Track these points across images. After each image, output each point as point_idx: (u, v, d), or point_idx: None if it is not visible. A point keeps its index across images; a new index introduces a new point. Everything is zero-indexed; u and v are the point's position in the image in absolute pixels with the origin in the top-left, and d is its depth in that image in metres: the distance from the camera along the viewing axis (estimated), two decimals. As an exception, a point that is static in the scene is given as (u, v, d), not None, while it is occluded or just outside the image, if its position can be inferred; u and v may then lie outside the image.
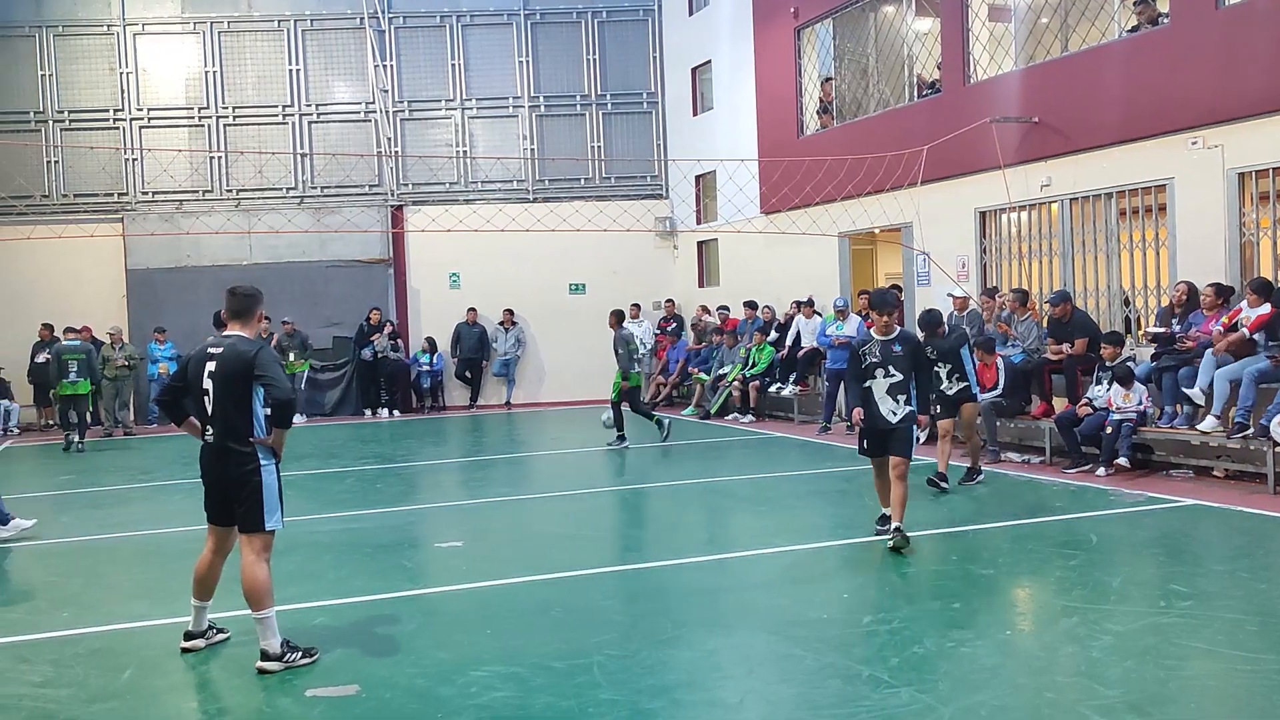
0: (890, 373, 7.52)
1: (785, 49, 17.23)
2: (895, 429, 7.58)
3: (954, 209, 13.87)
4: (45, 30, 19.51)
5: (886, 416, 7.56)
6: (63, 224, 17.47)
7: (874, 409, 7.57)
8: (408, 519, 9.72)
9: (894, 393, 7.56)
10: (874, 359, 7.56)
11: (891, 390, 7.55)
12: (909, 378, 7.58)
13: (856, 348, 7.73)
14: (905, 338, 7.71)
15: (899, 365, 7.56)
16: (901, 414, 7.57)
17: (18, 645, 5.97)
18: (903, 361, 7.58)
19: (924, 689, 4.80)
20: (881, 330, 7.66)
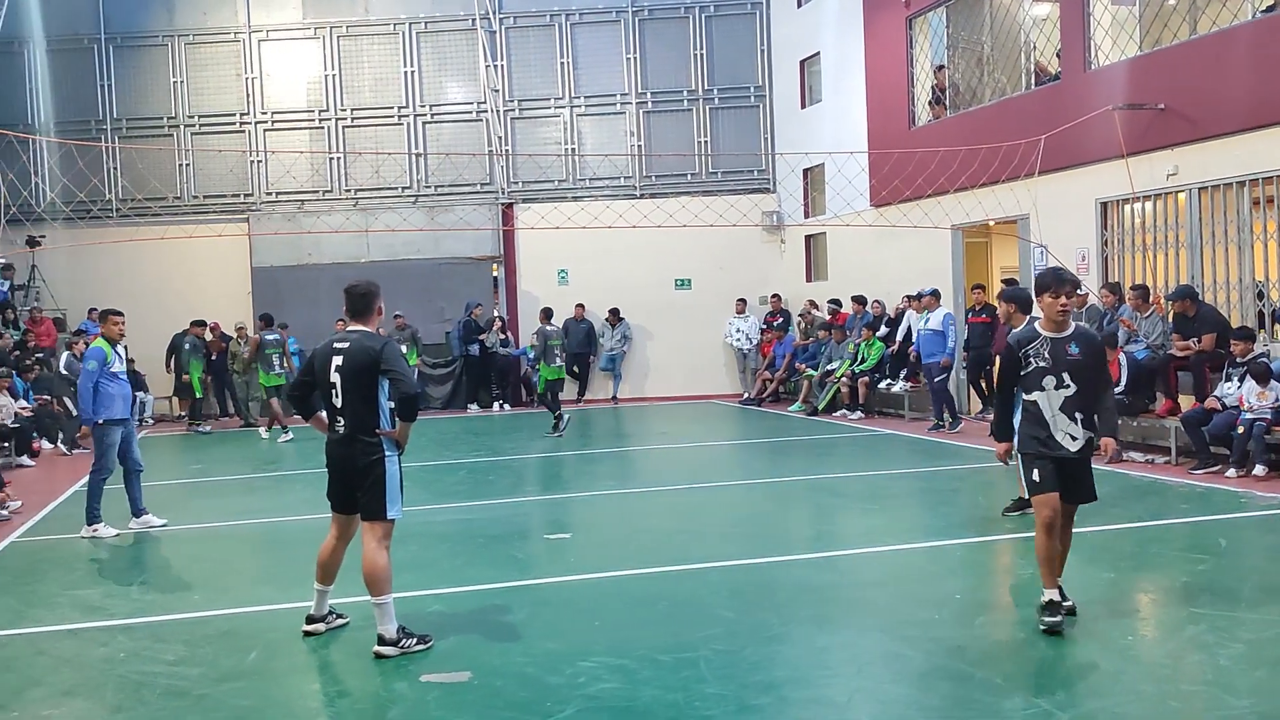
0: (1064, 382, 5.59)
1: (896, 38, 16.92)
2: (1078, 460, 5.65)
3: (1073, 200, 13.43)
4: (177, 39, 20.42)
5: (1063, 442, 5.61)
6: (193, 224, 18.29)
7: (1048, 430, 5.63)
8: (518, 511, 9.90)
9: (1071, 409, 5.60)
10: (1042, 362, 5.63)
11: (1067, 406, 5.60)
12: (1089, 390, 5.65)
13: (1015, 347, 5.74)
14: (1085, 336, 5.74)
15: (1078, 373, 5.61)
16: (1083, 439, 5.65)
17: (153, 625, 6.29)
18: (1083, 368, 5.63)
19: (1039, 694, 4.68)
20: (1053, 323, 5.66)
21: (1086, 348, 5.66)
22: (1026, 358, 5.66)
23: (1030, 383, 5.67)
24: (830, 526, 9.14)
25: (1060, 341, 5.64)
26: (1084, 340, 5.70)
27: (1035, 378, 5.65)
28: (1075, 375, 5.60)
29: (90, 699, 5.13)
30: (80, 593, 7.05)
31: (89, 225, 17.54)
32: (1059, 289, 5.57)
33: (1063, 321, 5.62)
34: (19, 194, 15.72)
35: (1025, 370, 5.66)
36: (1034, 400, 5.67)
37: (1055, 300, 5.56)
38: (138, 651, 5.78)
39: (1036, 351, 5.65)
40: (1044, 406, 5.63)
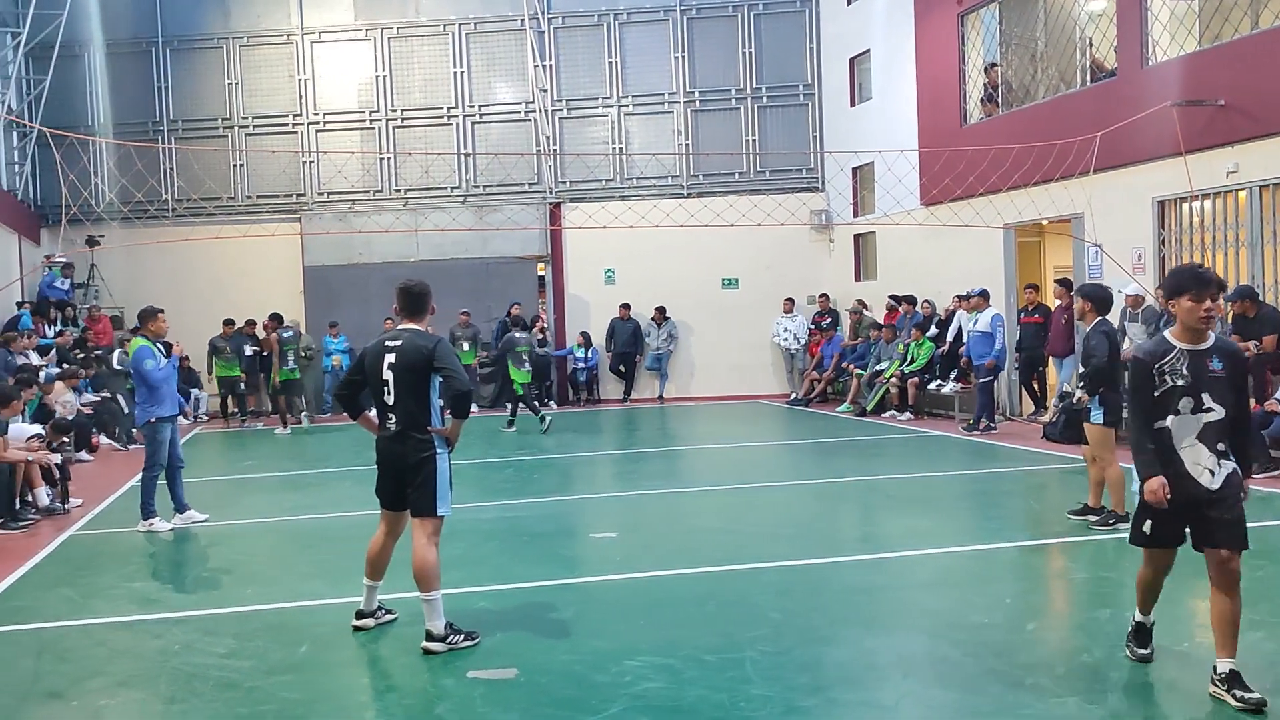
0: (1205, 404, 4.60)
1: (948, 35, 16.73)
2: (1217, 499, 4.64)
3: (1129, 198, 13.19)
4: (231, 41, 20.75)
5: (1198, 478, 4.64)
6: (247, 224, 18.57)
7: (1176, 465, 4.66)
8: (564, 509, 9.93)
9: (1211, 438, 4.63)
10: (1179, 380, 4.62)
11: (1207, 434, 4.62)
12: (1233, 414, 4.64)
13: (1148, 362, 4.69)
14: (1227, 349, 4.71)
15: (1221, 393, 4.63)
16: (1223, 474, 4.65)
17: (205, 619, 6.39)
18: (1227, 388, 4.64)
19: (1093, 699, 4.60)
20: (1192, 333, 4.65)
21: (1230, 363, 4.66)
22: (1160, 374, 4.65)
23: (1162, 406, 4.67)
24: (879, 528, 9.06)
25: (1200, 355, 4.62)
26: (1226, 354, 4.68)
27: (1169, 400, 4.64)
28: (1218, 396, 4.61)
29: (145, 689, 5.23)
30: (136, 585, 7.18)
31: (146, 225, 17.88)
32: (1202, 291, 4.56)
33: (1203, 331, 4.63)
34: (79, 194, 16.07)
35: (1158, 390, 4.66)
36: (1164, 427, 4.68)
37: (1198, 305, 4.56)
38: (191, 644, 5.87)
39: (1172, 367, 4.63)
40: (1176, 434, 4.65)
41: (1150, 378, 4.67)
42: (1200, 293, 4.57)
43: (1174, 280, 4.74)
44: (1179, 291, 4.64)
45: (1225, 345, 4.75)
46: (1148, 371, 4.67)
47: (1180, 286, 4.63)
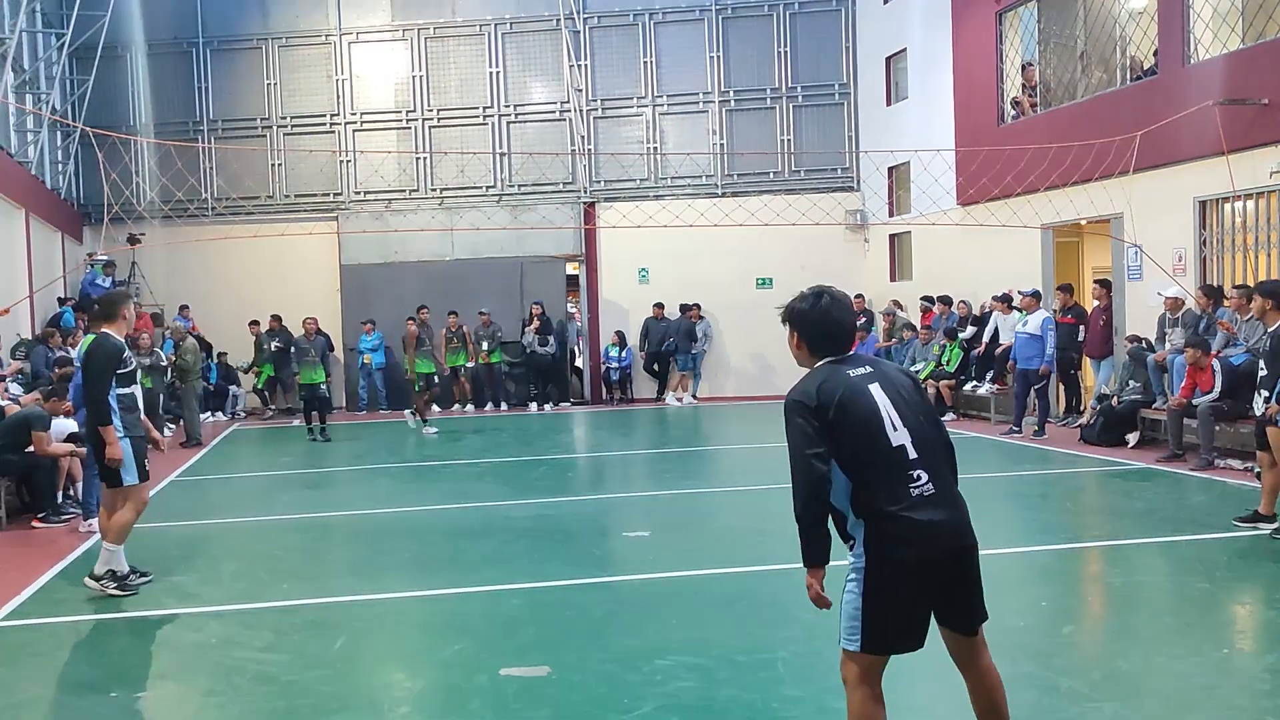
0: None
1: (986, 34, 16.58)
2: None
3: (1170, 199, 13.01)
4: (271, 42, 20.96)
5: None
6: (285, 223, 18.76)
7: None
8: (597, 508, 9.95)
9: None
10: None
11: None
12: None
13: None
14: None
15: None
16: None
17: (244, 613, 6.47)
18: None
19: (1129, 705, 4.55)
20: None
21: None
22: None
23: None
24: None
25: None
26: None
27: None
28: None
29: (184, 682, 5.31)
30: (175, 580, 7.28)
31: (186, 224, 18.10)
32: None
33: None
34: (121, 193, 16.30)
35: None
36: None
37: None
38: (229, 638, 5.95)
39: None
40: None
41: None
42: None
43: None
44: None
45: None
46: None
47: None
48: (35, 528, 9.27)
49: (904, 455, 3.45)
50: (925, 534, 3.42)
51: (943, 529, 3.47)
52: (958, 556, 3.54)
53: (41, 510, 9.44)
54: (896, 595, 3.45)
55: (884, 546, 3.44)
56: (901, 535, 3.41)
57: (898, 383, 3.58)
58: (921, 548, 3.43)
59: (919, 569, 3.45)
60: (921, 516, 3.41)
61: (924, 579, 3.46)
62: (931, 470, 3.49)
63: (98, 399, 6.75)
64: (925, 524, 3.42)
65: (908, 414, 3.50)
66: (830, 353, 3.62)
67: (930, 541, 3.44)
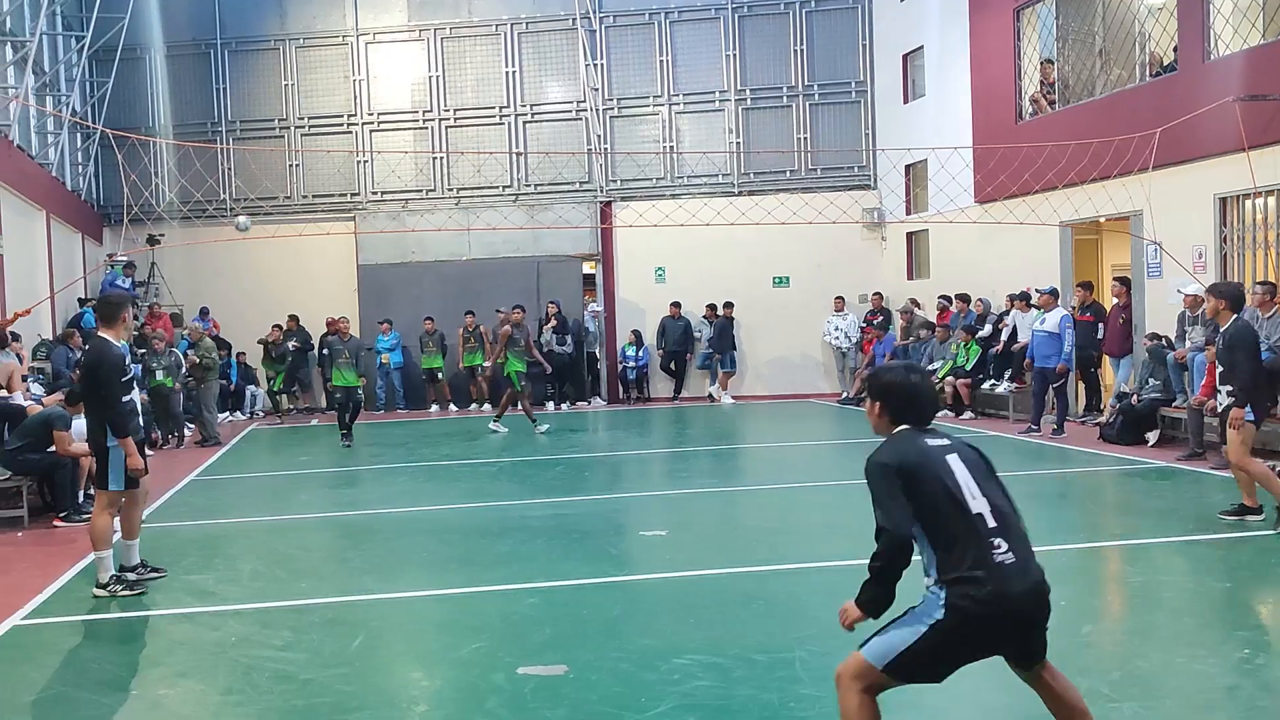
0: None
1: (1003, 31, 16.50)
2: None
3: (1190, 195, 12.91)
4: (288, 43, 21.05)
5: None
6: (303, 223, 18.86)
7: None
8: (613, 507, 9.95)
9: None
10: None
11: None
12: None
13: None
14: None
15: None
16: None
17: (262, 612, 6.51)
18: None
19: (1149, 705, 4.52)
20: None
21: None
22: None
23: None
24: (930, 529, 8.95)
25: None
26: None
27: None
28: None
29: (203, 680, 5.34)
30: (194, 578, 7.33)
31: (205, 224, 18.22)
32: None
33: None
34: (140, 194, 16.41)
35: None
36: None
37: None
38: (247, 636, 5.98)
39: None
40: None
41: None
42: None
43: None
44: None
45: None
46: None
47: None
48: (57, 527, 9.35)
49: (983, 523, 3.55)
50: (1005, 605, 3.50)
51: (1024, 600, 3.54)
52: (1032, 622, 3.62)
53: (63, 509, 9.51)
54: (951, 652, 3.59)
55: (963, 610, 3.49)
56: (983, 601, 3.48)
57: (972, 456, 3.73)
58: (1000, 616, 3.51)
59: (990, 635, 3.55)
60: (1005, 587, 3.48)
61: (988, 641, 3.58)
62: (1010, 539, 3.57)
63: (111, 413, 6.78)
64: (1007, 595, 3.49)
65: (984, 484, 3.64)
66: (911, 423, 3.81)
67: (1009, 612, 3.52)
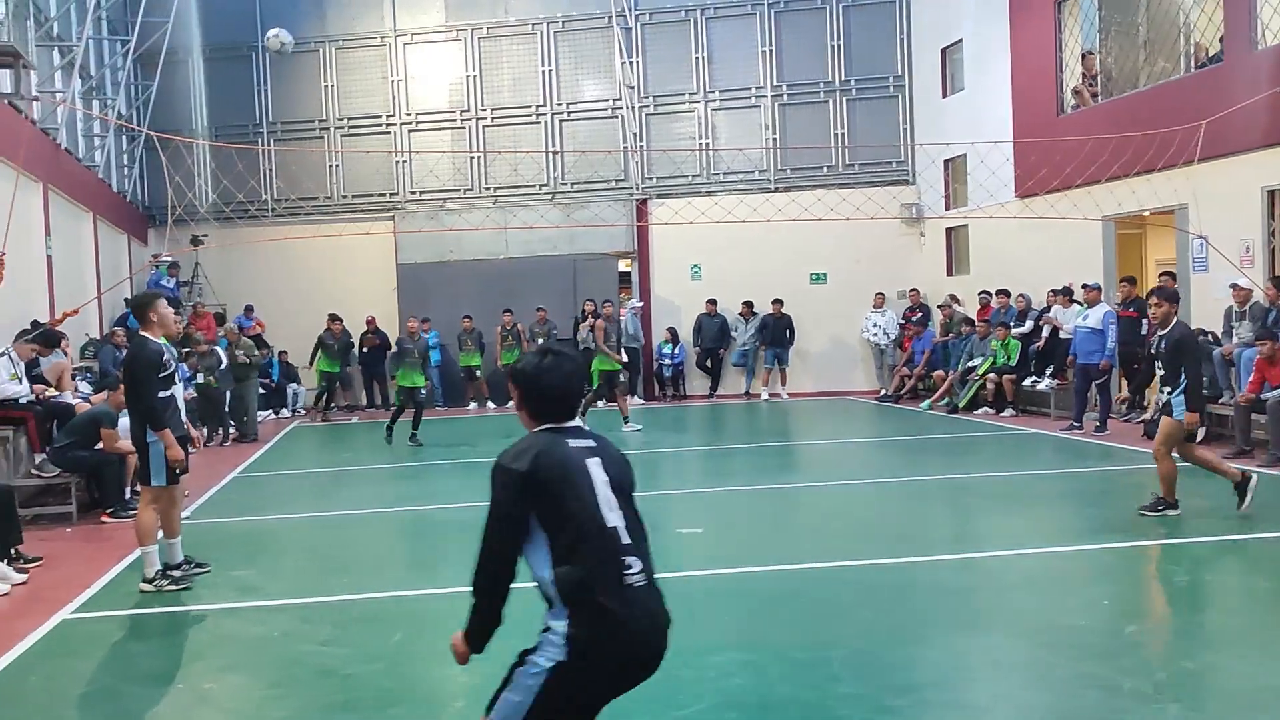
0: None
1: (1044, 23, 16.30)
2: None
3: (1237, 188, 12.68)
4: (328, 44, 21.25)
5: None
6: (342, 223, 19.04)
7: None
8: (651, 504, 9.89)
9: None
10: None
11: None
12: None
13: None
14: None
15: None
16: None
17: (304, 607, 6.58)
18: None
19: (1194, 706, 4.46)
20: None
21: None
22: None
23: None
24: (970, 527, 8.89)
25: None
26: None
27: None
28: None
29: (247, 674, 5.41)
30: (237, 574, 7.43)
31: (246, 225, 18.44)
32: None
33: None
34: (184, 196, 16.65)
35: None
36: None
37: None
38: (290, 631, 6.06)
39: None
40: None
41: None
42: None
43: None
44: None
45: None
46: None
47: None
48: (105, 522, 9.52)
49: (617, 540, 3.15)
50: (637, 634, 3.09)
51: (654, 631, 3.17)
52: (656, 655, 3.19)
53: (110, 505, 9.68)
54: (578, 699, 3.10)
55: (589, 644, 3.05)
56: (612, 632, 3.04)
57: (618, 463, 3.30)
58: (633, 649, 3.10)
59: (619, 674, 3.11)
60: (635, 611, 3.09)
61: (617, 679, 3.13)
62: (643, 559, 3.21)
63: (146, 407, 6.89)
64: (637, 620, 3.09)
65: (620, 496, 3.24)
66: (550, 419, 3.28)
67: (642, 644, 3.12)
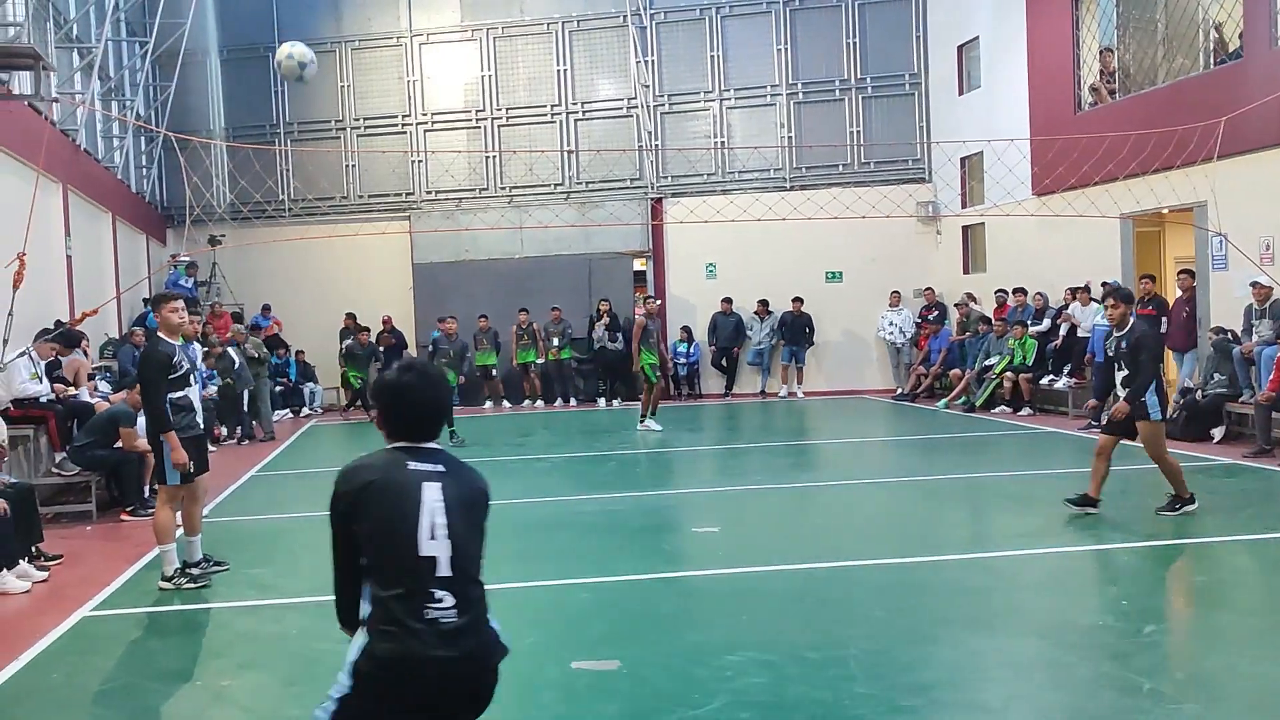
0: None
1: (1062, 19, 16.21)
2: None
3: (1257, 186, 12.58)
4: (344, 45, 21.33)
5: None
6: (359, 223, 19.11)
7: None
8: (665, 503, 9.96)
9: None
10: None
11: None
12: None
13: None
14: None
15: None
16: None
17: (322, 605, 6.49)
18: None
19: (1213, 707, 4.43)
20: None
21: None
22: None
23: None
24: (985, 527, 8.86)
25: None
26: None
27: None
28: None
29: (265, 672, 5.45)
30: (255, 572, 7.47)
31: (264, 225, 18.53)
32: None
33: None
34: (202, 196, 16.75)
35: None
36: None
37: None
38: (307, 628, 6.08)
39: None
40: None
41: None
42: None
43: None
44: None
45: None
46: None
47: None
48: (124, 521, 9.58)
49: (430, 569, 2.97)
50: (429, 674, 2.90)
51: (452, 674, 2.96)
52: (456, 702, 3.01)
53: (130, 504, 9.75)
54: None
55: (370, 677, 2.93)
56: (395, 668, 2.91)
57: (467, 491, 3.13)
58: (421, 689, 2.91)
59: (407, 716, 2.95)
60: (429, 648, 2.90)
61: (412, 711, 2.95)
62: (462, 598, 3.01)
63: (154, 407, 6.94)
64: (432, 659, 2.90)
65: (458, 528, 3.05)
66: (404, 437, 3.17)
67: (435, 686, 2.92)
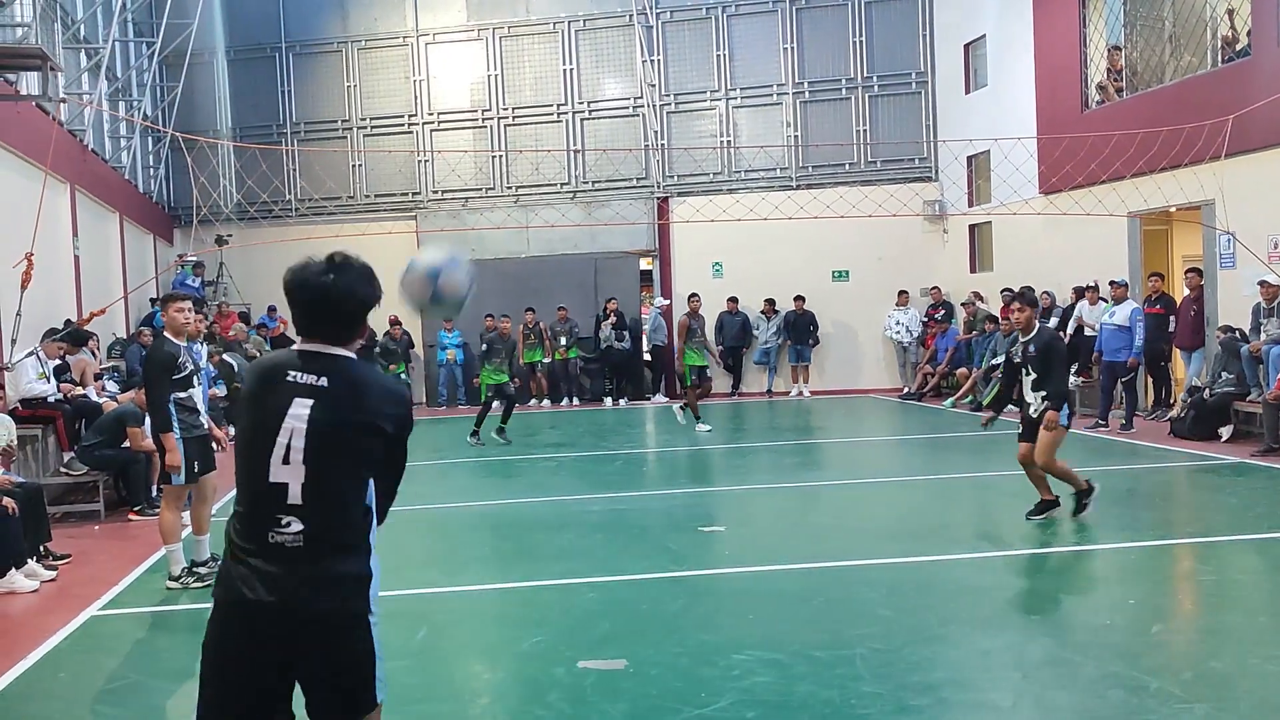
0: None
1: (1069, 17, 16.18)
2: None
3: (1265, 184, 12.55)
4: (350, 45, 21.36)
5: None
6: (365, 222, 19.12)
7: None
8: (671, 502, 9.95)
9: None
10: None
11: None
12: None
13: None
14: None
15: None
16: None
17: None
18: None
19: (1222, 707, 4.42)
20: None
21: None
22: None
23: None
24: (992, 526, 8.84)
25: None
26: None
27: None
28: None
29: (272, 670, 5.44)
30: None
31: (270, 224, 18.56)
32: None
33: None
34: (209, 196, 16.78)
35: None
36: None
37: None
38: (314, 628, 6.08)
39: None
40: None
41: None
42: None
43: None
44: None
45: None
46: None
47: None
48: (132, 520, 9.61)
49: (282, 495, 2.79)
50: (264, 594, 2.76)
51: (288, 591, 2.77)
52: (292, 622, 2.79)
53: (138, 503, 9.77)
54: (216, 660, 2.85)
55: (222, 585, 2.85)
56: (235, 587, 2.79)
57: (348, 419, 2.83)
58: (259, 610, 2.77)
59: (250, 638, 2.80)
60: (270, 568, 2.77)
61: (259, 652, 2.80)
62: (314, 528, 2.79)
63: (156, 407, 6.95)
64: (269, 578, 2.76)
65: (325, 454, 2.80)
66: (305, 335, 2.96)
67: (274, 606, 2.77)
